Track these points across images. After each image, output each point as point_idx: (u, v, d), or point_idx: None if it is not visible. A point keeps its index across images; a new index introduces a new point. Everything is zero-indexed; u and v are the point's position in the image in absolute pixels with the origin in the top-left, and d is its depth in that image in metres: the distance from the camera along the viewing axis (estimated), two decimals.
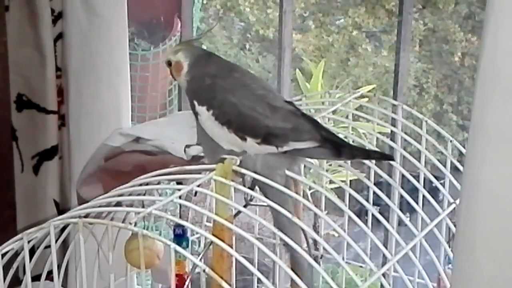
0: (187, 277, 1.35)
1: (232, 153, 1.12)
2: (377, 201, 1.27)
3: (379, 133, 1.34)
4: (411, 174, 1.25)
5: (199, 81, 1.15)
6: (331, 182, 1.34)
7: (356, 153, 1.12)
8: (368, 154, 1.16)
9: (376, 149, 1.29)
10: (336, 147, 1.10)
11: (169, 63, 1.18)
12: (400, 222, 1.24)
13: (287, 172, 1.13)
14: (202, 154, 1.22)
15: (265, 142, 1.10)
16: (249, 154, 1.12)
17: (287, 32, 2.57)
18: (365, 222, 1.24)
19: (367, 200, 1.22)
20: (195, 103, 1.14)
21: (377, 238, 1.13)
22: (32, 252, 1.07)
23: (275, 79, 2.50)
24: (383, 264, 1.10)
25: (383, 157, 1.17)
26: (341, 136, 1.36)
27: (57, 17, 1.74)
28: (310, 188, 1.34)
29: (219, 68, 1.16)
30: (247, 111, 1.11)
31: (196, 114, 1.15)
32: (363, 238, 1.19)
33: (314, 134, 1.10)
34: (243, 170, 1.11)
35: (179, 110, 2.83)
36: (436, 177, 1.29)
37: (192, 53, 1.17)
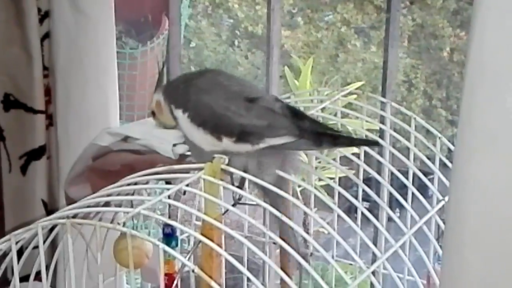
0: (177, 276, 1.35)
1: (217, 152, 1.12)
2: (366, 197, 1.27)
3: (368, 130, 1.34)
4: (400, 170, 1.25)
5: (175, 89, 1.18)
6: (320, 179, 1.34)
7: (338, 141, 1.09)
8: (350, 141, 1.11)
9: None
10: (317, 137, 1.08)
11: (153, 114, 1.21)
12: (390, 218, 1.24)
13: (277, 171, 1.13)
14: (189, 153, 1.22)
15: (240, 140, 1.09)
16: (237, 153, 1.11)
17: (276, 28, 2.56)
18: (355, 219, 1.24)
19: (357, 197, 1.22)
20: (172, 107, 1.16)
21: (367, 233, 1.12)
22: (20, 252, 1.06)
23: (264, 76, 2.50)
24: (373, 259, 1.11)
25: (366, 142, 1.16)
26: None
27: (43, 16, 1.73)
28: (299, 186, 1.33)
29: (191, 74, 1.21)
30: (221, 110, 1.10)
31: (175, 118, 1.15)
32: (353, 234, 1.19)
33: (291, 128, 1.08)
34: (232, 169, 1.11)
35: None
36: (425, 173, 1.29)
37: (160, 87, 1.20)
